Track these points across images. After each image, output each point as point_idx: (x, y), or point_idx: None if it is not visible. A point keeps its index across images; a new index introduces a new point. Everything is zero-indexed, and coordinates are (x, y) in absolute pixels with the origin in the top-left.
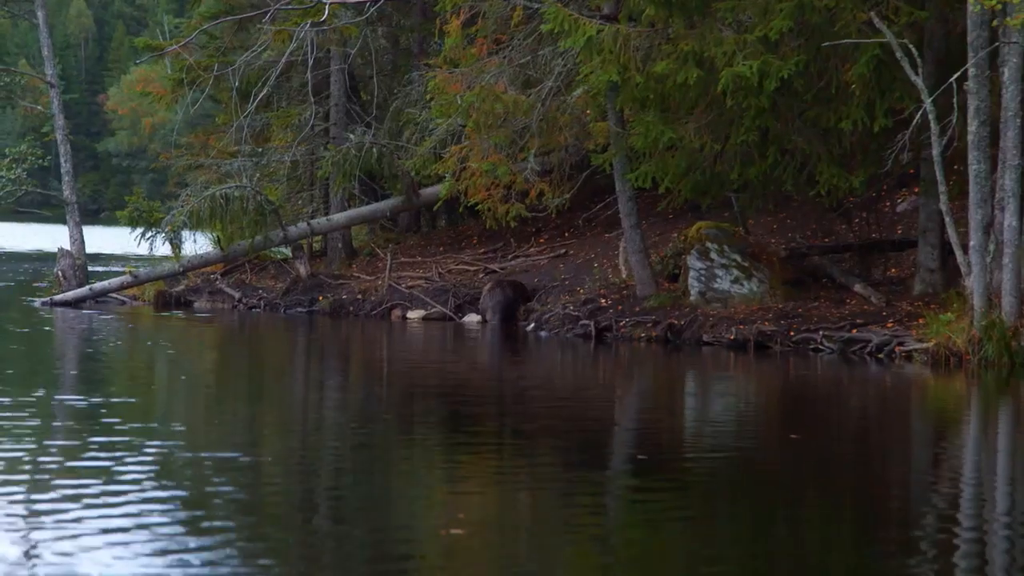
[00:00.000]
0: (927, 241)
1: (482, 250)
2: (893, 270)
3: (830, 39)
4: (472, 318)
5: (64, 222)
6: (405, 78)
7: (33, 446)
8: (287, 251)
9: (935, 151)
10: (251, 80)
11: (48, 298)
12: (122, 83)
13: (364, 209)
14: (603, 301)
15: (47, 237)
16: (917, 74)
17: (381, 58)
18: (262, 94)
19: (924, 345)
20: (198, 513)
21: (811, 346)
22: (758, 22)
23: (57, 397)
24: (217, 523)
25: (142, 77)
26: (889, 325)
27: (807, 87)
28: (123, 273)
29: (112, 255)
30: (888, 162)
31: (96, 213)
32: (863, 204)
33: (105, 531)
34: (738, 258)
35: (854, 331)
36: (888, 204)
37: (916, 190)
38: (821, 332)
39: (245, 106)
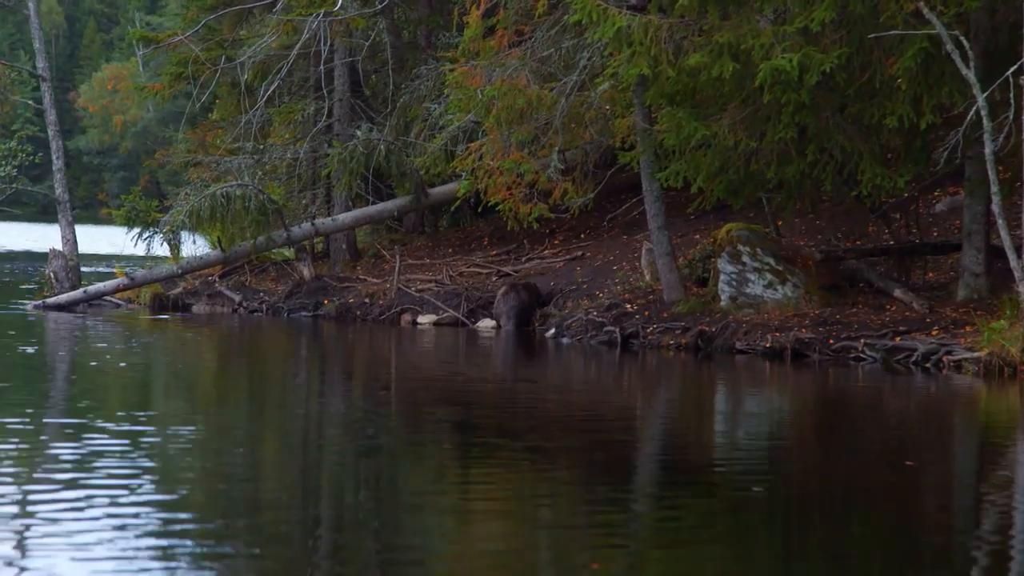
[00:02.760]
0: (972, 244)
1: (494, 252)
2: (931, 274)
3: (874, 31)
4: (486, 323)
5: (34, 221)
6: (413, 72)
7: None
8: (288, 252)
9: (987, 149)
10: (255, 74)
11: (40, 301)
12: (93, 80)
13: (371, 209)
14: (628, 306)
15: (21, 236)
16: (968, 68)
17: (385, 52)
18: (273, 87)
19: (975, 354)
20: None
21: (852, 355)
22: (798, 13)
23: (47, 420)
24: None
25: (113, 75)
26: (934, 333)
27: (849, 82)
28: (112, 274)
29: (90, 255)
30: (940, 161)
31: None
32: (897, 205)
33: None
34: (771, 261)
35: (897, 339)
36: (923, 205)
37: (952, 190)
38: (862, 340)
39: (246, 101)
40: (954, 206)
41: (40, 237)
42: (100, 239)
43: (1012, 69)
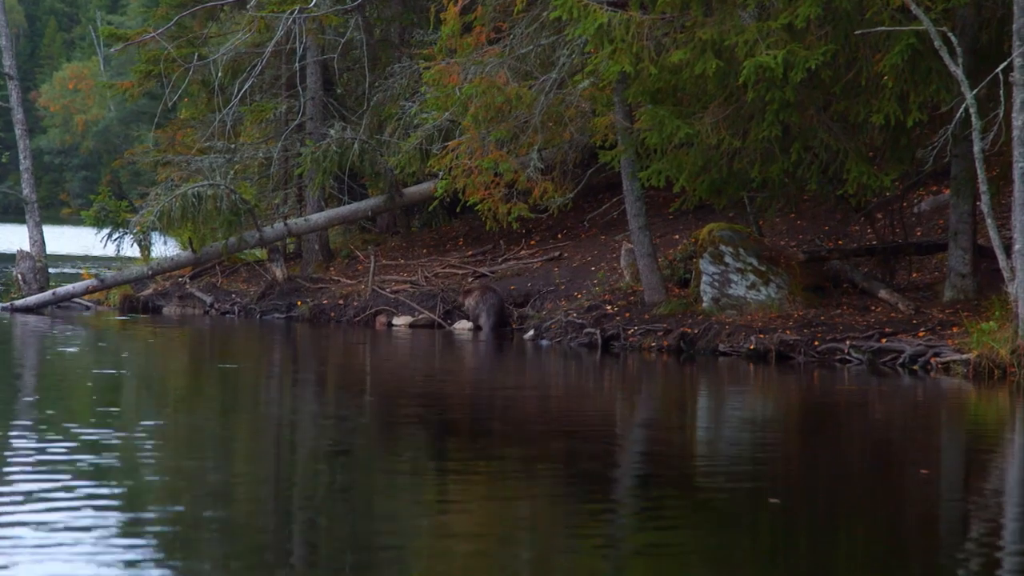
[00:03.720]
0: (958, 244)
1: (469, 252)
2: (916, 274)
3: (860, 27)
4: (463, 325)
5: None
6: (387, 70)
7: None
8: (260, 253)
9: (976, 147)
10: (226, 71)
11: (8, 303)
12: (54, 80)
13: (344, 209)
14: (609, 308)
15: None
16: (957, 65)
17: (358, 49)
18: (248, 85)
19: (964, 356)
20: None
21: (837, 357)
22: (782, 9)
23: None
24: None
25: (74, 74)
26: (921, 334)
27: (835, 79)
28: (78, 275)
29: (54, 255)
30: (928, 159)
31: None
32: (880, 204)
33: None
34: (754, 262)
35: (883, 340)
36: (905, 204)
37: (935, 189)
38: (848, 342)
39: (214, 100)
40: (937, 205)
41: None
42: (62, 239)
43: (1002, 66)
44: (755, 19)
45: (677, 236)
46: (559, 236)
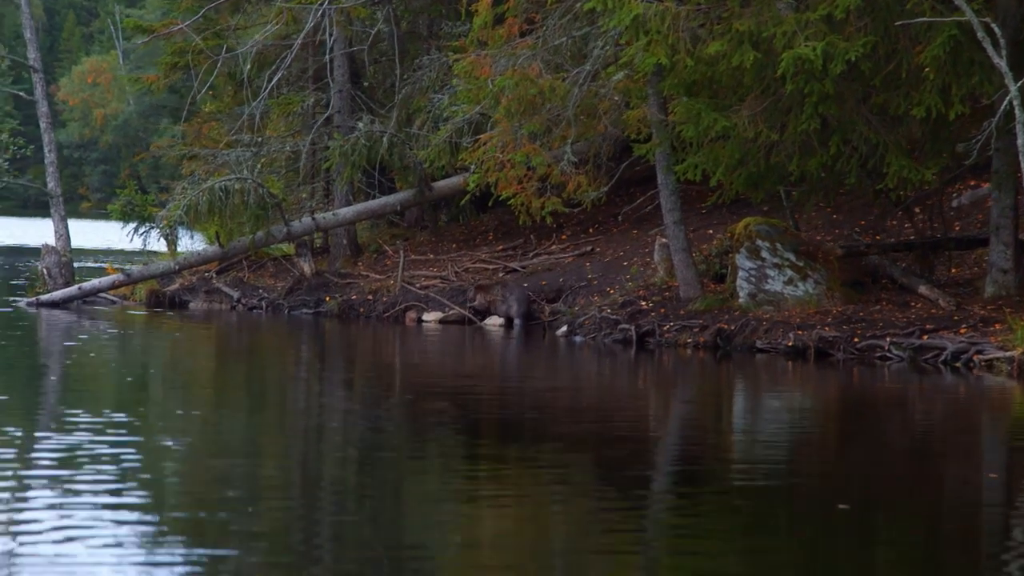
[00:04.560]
0: (1000, 239)
1: (499, 247)
2: (955, 270)
3: (901, 18)
4: (494, 320)
5: (11, 215)
6: (415, 63)
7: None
8: (287, 248)
9: (1020, 141)
10: (253, 64)
11: (33, 298)
12: (73, 74)
13: (373, 203)
14: (643, 304)
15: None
16: (1001, 57)
17: (385, 42)
18: (276, 77)
19: (1008, 353)
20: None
21: (878, 354)
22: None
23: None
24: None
25: (93, 68)
26: (963, 331)
27: (874, 71)
28: (100, 269)
29: (75, 249)
30: (972, 152)
31: (47, 204)
32: (918, 199)
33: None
34: (792, 257)
35: (925, 337)
36: (943, 198)
37: (973, 183)
38: (889, 339)
39: (241, 93)
40: (975, 199)
41: (21, 231)
42: (83, 233)
43: None
44: (793, 10)
45: (711, 231)
46: (590, 231)
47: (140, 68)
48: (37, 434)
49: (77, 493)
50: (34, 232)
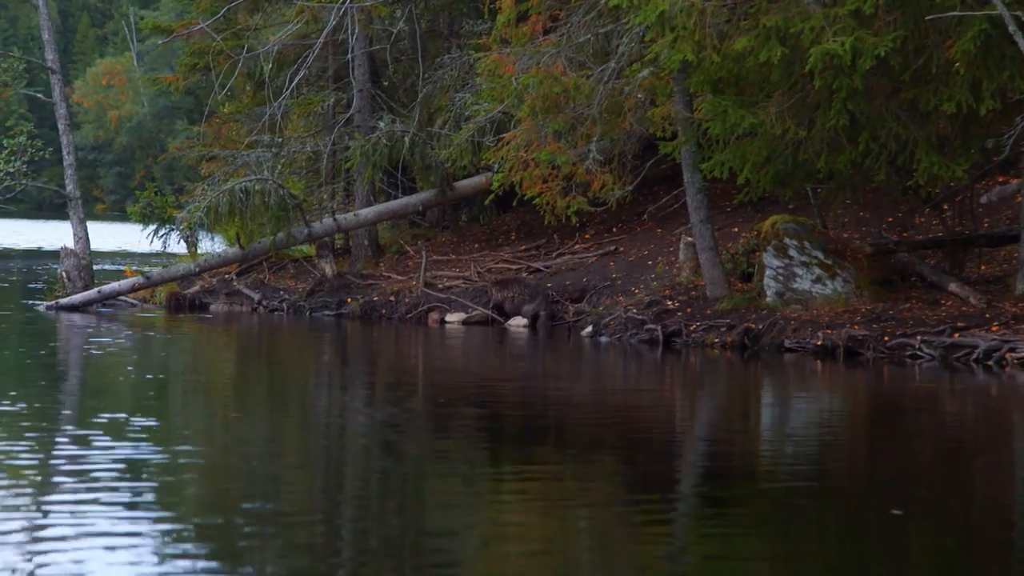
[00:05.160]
0: None
1: (522, 247)
2: (984, 267)
3: (930, 12)
4: (518, 321)
5: (30, 217)
6: (436, 61)
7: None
8: (308, 249)
9: None
10: (274, 64)
11: (53, 301)
12: (87, 76)
13: (394, 204)
14: (669, 303)
15: (14, 235)
16: None
17: (404, 40)
18: (299, 77)
19: None
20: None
21: (908, 353)
22: None
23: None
24: None
25: (107, 70)
26: (994, 329)
27: (904, 66)
28: (119, 271)
29: (95, 252)
30: (1006, 148)
31: (62, 207)
32: (946, 195)
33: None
34: (820, 255)
35: (956, 335)
36: (972, 195)
37: (1001, 179)
38: (919, 337)
39: (260, 93)
40: (1003, 196)
41: (37, 234)
42: (99, 235)
43: None
44: (821, 5)
45: (736, 229)
46: (614, 230)
47: (155, 69)
48: (57, 439)
49: (95, 503)
50: (52, 234)
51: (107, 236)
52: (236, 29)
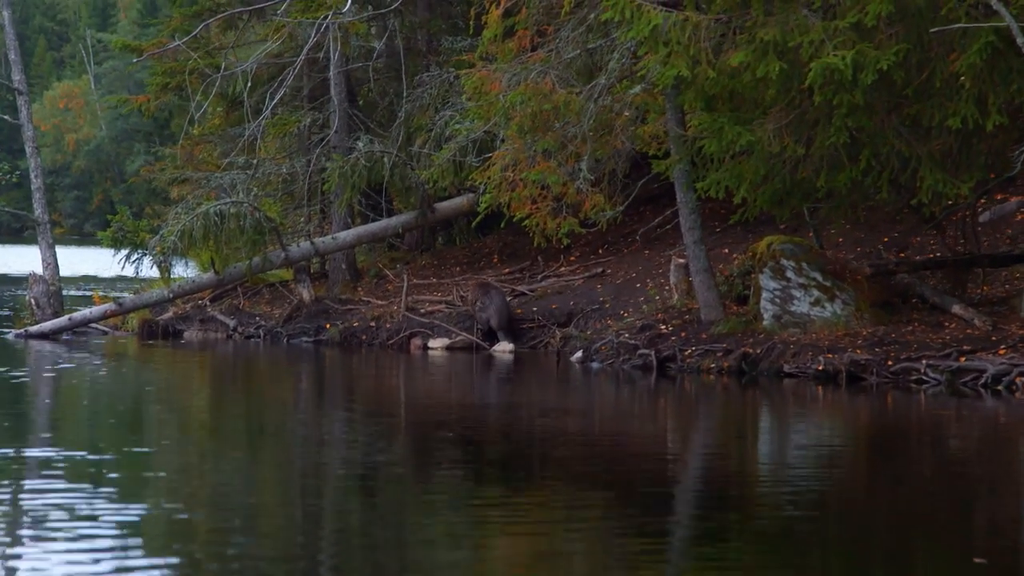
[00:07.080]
0: None
1: (506, 270)
2: (986, 288)
3: (934, 25)
4: (504, 346)
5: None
6: (415, 79)
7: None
8: (285, 273)
9: None
10: (252, 82)
11: (22, 329)
12: (44, 99)
13: (373, 226)
14: (662, 327)
15: None
16: None
17: (381, 59)
18: (278, 96)
19: None
20: None
21: (913, 377)
22: (850, 6)
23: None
24: None
25: (65, 93)
26: (1002, 352)
27: (907, 81)
28: (87, 297)
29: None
30: (1017, 165)
31: (20, 232)
32: (947, 214)
33: None
34: (818, 277)
35: (963, 359)
36: (972, 213)
37: (999, 197)
38: (924, 361)
39: (233, 113)
40: (1002, 214)
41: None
42: (62, 260)
43: None
44: (820, 18)
45: (727, 250)
46: (600, 251)
47: (112, 92)
48: (24, 483)
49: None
50: (13, 259)
51: (72, 261)
52: (210, 48)
